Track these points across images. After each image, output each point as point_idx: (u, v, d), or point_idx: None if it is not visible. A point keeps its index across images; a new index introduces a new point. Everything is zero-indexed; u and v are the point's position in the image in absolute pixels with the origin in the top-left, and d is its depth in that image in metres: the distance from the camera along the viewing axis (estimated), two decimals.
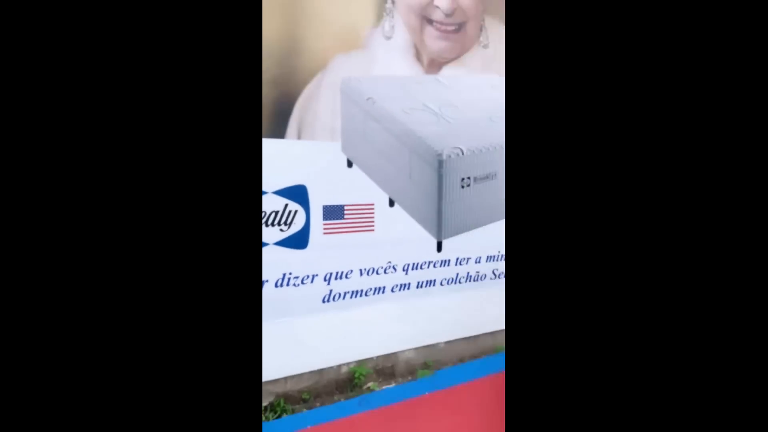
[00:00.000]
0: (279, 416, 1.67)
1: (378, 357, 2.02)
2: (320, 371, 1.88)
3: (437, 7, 1.95)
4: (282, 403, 1.71)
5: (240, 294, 0.66)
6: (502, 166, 2.03)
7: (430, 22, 1.98)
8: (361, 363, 1.97)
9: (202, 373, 0.63)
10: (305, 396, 1.79)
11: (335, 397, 1.82)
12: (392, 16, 1.92)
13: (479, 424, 1.45)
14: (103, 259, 0.61)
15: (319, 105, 1.80)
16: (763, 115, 0.59)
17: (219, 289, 0.64)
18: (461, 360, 2.13)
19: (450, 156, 1.80)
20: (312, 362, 1.85)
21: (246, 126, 0.68)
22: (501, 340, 2.25)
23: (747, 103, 0.60)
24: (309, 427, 1.40)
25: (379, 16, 1.89)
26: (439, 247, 2.00)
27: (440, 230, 1.95)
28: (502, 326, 1.11)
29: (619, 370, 0.64)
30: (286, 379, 1.77)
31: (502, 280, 2.34)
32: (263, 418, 1.64)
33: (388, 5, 1.89)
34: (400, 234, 2.00)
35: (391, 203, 1.99)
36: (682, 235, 0.63)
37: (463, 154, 1.84)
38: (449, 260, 2.11)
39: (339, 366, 1.92)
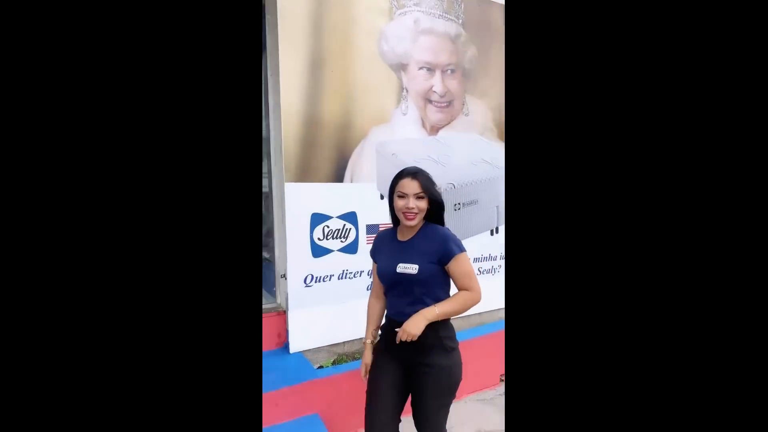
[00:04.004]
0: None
1: None
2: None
3: (434, 92, 2.45)
4: (343, 359, 2.17)
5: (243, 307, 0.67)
6: (482, 195, 2.53)
7: (430, 101, 2.46)
8: None
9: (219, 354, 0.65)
10: (357, 356, 2.21)
11: None
12: (407, 100, 2.38)
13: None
14: (145, 291, 0.59)
15: (363, 160, 2.23)
16: (763, 115, 0.52)
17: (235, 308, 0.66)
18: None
19: (446, 189, 2.33)
20: (359, 331, 2.08)
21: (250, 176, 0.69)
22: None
23: (745, 102, 0.53)
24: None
25: (399, 100, 2.36)
26: None
27: None
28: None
29: (617, 365, 0.58)
30: (344, 343, 2.21)
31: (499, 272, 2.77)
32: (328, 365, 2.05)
33: (404, 93, 2.36)
34: None
35: None
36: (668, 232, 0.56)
37: (454, 187, 2.39)
38: None
39: None
